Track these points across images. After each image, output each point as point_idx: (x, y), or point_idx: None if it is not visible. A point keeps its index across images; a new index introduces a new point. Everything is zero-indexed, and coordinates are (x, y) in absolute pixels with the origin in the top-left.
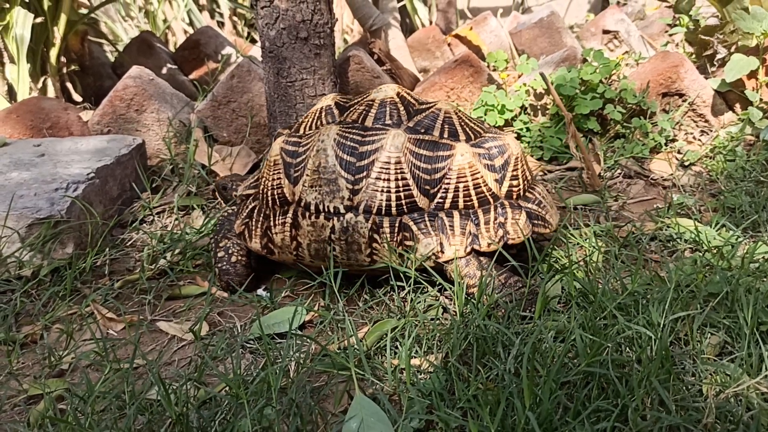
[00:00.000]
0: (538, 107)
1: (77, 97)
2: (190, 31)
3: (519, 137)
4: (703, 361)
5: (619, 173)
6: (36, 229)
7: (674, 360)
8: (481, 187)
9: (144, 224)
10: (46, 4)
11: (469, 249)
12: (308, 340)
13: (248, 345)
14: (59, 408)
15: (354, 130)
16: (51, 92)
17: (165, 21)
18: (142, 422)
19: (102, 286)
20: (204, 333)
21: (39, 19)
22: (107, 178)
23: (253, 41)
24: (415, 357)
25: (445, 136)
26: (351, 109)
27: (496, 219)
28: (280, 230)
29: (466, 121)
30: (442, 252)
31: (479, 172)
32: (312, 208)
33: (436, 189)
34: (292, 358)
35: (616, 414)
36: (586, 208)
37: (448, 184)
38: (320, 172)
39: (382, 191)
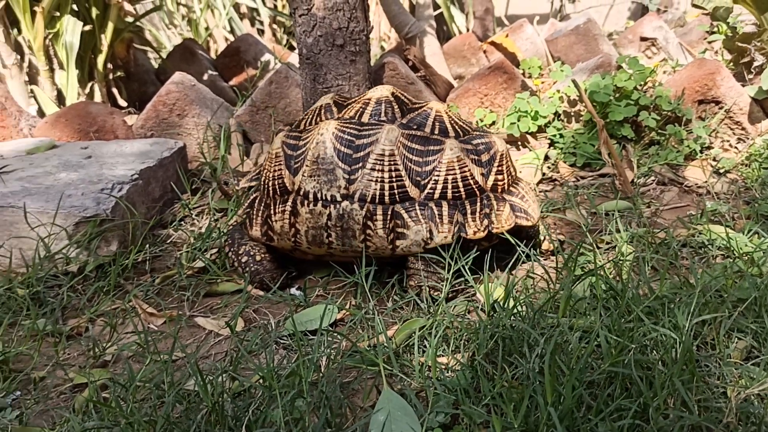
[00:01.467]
0: (572, 114)
1: (122, 102)
2: (231, 38)
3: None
4: (727, 365)
5: (653, 180)
6: (83, 227)
7: (699, 363)
8: (468, 179)
9: (183, 224)
10: (94, 12)
11: (456, 236)
12: (339, 336)
13: (282, 341)
14: (103, 396)
15: (351, 125)
16: (98, 97)
17: (207, 29)
18: (179, 410)
19: (143, 282)
20: (239, 328)
21: (87, 27)
22: (150, 179)
23: (292, 48)
24: (442, 355)
25: (436, 132)
26: (348, 106)
27: (482, 210)
28: (279, 218)
29: (456, 120)
30: (432, 239)
31: (467, 166)
32: (310, 196)
33: (426, 180)
34: (324, 354)
35: (636, 411)
36: (618, 214)
37: (438, 176)
38: (319, 163)
39: (377, 181)
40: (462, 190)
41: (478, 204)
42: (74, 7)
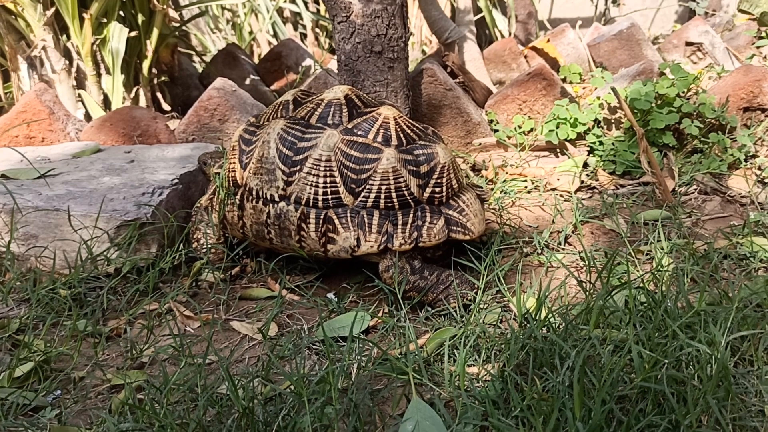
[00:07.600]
0: (612, 121)
1: (166, 106)
2: (275, 42)
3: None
4: (765, 382)
5: (695, 189)
6: (124, 231)
7: (735, 380)
8: (403, 190)
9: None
10: (140, 19)
11: (382, 246)
12: (370, 344)
13: (314, 347)
14: (138, 397)
15: (297, 127)
16: (143, 101)
17: (251, 33)
18: (211, 414)
19: (180, 285)
20: (273, 333)
21: (133, 33)
22: (190, 183)
23: (333, 52)
24: (473, 365)
25: (378, 140)
26: (303, 105)
27: (414, 222)
28: (230, 209)
29: (404, 127)
30: (358, 247)
31: (402, 177)
32: (254, 193)
33: (360, 188)
34: (354, 361)
35: (668, 429)
36: (658, 224)
37: (372, 184)
38: (263, 162)
39: (311, 185)
40: (395, 200)
41: (411, 216)
42: (121, 13)
